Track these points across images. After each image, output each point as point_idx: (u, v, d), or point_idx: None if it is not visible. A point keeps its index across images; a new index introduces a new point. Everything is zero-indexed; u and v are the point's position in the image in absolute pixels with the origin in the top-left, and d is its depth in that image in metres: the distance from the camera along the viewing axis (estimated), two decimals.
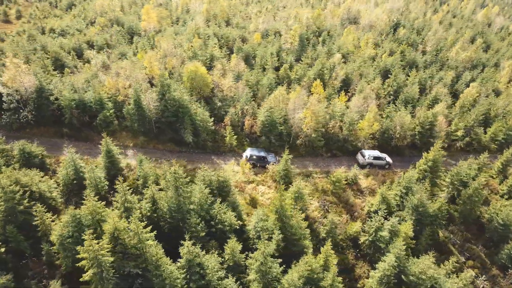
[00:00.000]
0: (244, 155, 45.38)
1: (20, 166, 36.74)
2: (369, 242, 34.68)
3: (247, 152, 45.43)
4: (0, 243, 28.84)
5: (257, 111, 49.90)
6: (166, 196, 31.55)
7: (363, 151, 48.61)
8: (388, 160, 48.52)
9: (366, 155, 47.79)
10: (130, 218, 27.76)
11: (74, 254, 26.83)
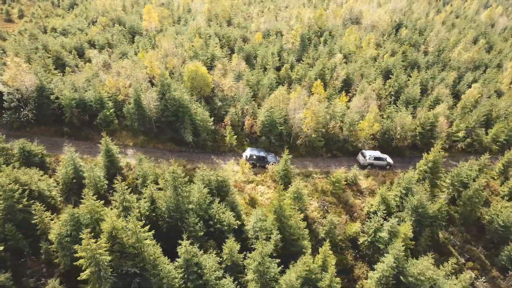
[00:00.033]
0: (244, 155, 45.31)
1: (20, 165, 36.79)
2: (368, 242, 34.55)
3: (247, 152, 45.36)
4: None
5: (257, 111, 49.83)
6: (164, 196, 31.56)
7: (364, 151, 48.45)
8: (389, 160, 48.35)
9: (367, 155, 47.63)
10: (128, 217, 27.79)
11: (72, 253, 26.86)
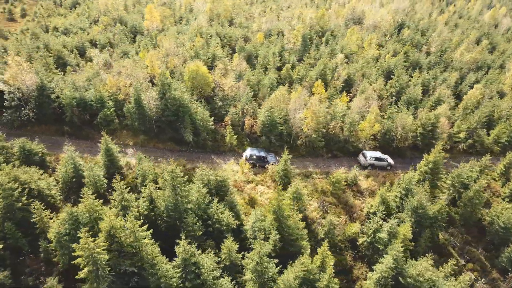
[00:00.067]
0: (244, 155, 45.26)
1: (20, 164, 36.88)
2: (367, 243, 34.45)
3: (247, 152, 45.30)
4: None
5: (257, 111, 49.77)
6: (163, 195, 31.56)
7: (364, 152, 48.30)
8: (390, 161, 48.17)
9: (367, 156, 47.48)
10: (126, 216, 27.81)
11: (71, 251, 26.82)
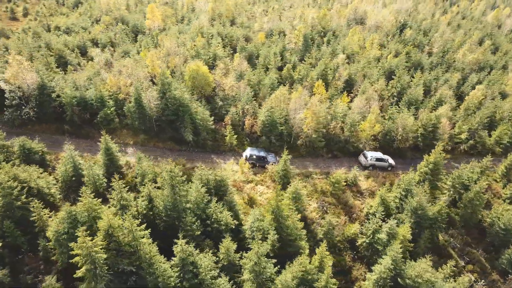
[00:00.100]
0: (244, 155, 45.21)
1: (20, 162, 36.96)
2: (366, 244, 34.34)
3: (247, 152, 45.26)
4: None
5: (258, 110, 49.70)
6: (162, 195, 31.56)
7: (365, 152, 48.15)
8: (391, 162, 47.98)
9: (368, 156, 47.33)
10: (124, 215, 27.81)
11: (69, 250, 26.84)
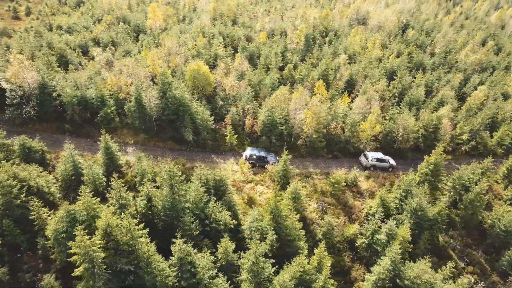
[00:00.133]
0: (244, 155, 45.17)
1: (21, 161, 37.08)
2: (366, 245, 34.23)
3: (247, 152, 45.22)
4: None
5: (258, 110, 49.64)
6: (161, 194, 31.57)
7: (366, 153, 48.01)
8: (392, 162, 47.80)
9: (369, 157, 47.19)
10: (123, 214, 27.84)
11: (68, 249, 26.88)
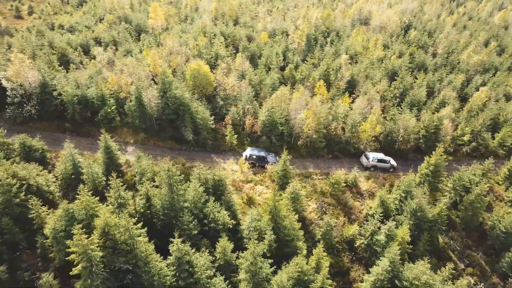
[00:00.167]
0: (244, 155, 45.12)
1: (21, 160, 37.21)
2: (365, 245, 34.17)
3: (247, 152, 45.18)
4: None
5: (258, 110, 49.57)
6: (160, 193, 31.58)
7: (367, 153, 47.87)
8: (393, 163, 47.62)
9: (370, 157, 47.05)
10: (121, 214, 27.87)
11: (66, 247, 26.95)
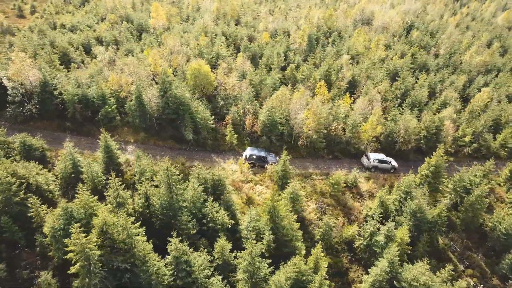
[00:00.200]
0: (244, 155, 45.10)
1: (21, 159, 37.33)
2: (364, 246, 34.03)
3: (247, 152, 45.14)
4: None
5: (258, 110, 49.52)
6: (159, 193, 31.57)
7: (368, 154, 47.72)
8: (394, 164, 47.45)
9: (371, 158, 46.91)
10: (119, 213, 27.89)
11: (65, 246, 26.98)
